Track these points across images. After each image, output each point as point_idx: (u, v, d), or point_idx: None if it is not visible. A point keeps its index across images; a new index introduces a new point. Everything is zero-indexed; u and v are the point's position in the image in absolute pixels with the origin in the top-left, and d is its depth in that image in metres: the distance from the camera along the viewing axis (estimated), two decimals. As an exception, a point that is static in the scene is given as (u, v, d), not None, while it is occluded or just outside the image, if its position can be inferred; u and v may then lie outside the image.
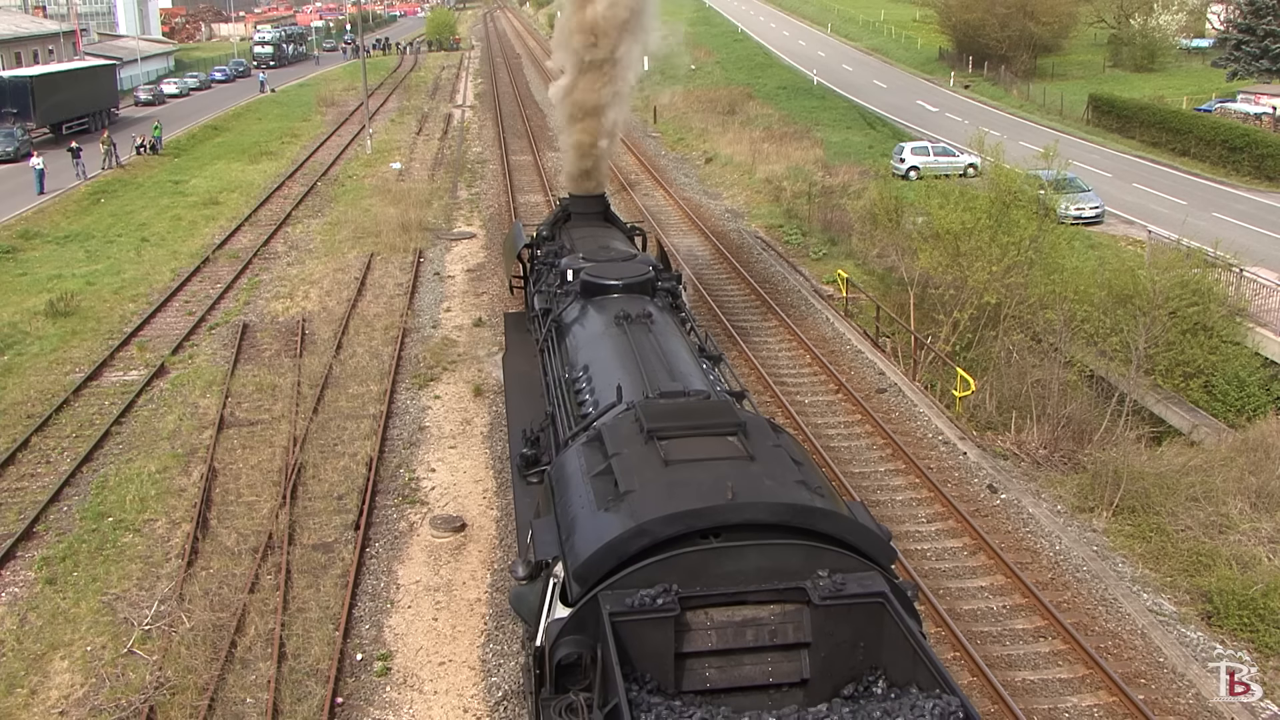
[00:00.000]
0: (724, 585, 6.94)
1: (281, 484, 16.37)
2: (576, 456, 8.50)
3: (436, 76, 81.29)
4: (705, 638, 6.92)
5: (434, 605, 13.49)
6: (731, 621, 6.97)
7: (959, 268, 22.41)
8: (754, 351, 21.82)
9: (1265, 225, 33.75)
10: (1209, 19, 73.26)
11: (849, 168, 40.34)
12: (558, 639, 6.90)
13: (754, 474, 7.55)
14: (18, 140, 45.61)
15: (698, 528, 6.99)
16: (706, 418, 8.50)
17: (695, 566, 6.91)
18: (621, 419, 8.69)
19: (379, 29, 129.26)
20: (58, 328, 23.95)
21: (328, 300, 25.81)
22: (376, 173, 42.21)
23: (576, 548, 7.28)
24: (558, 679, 6.95)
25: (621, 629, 6.59)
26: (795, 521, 7.13)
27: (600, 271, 13.14)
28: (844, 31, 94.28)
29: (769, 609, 7.00)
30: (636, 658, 6.69)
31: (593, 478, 7.90)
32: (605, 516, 7.34)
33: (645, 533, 6.94)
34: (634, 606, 6.68)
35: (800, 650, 7.06)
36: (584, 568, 6.98)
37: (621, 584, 6.84)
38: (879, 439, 18.23)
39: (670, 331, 11.72)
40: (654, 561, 6.88)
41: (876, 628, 6.93)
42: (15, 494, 16.57)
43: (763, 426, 8.58)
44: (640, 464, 7.74)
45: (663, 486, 7.40)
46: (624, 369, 10.21)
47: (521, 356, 13.90)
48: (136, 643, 12.63)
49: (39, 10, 78.11)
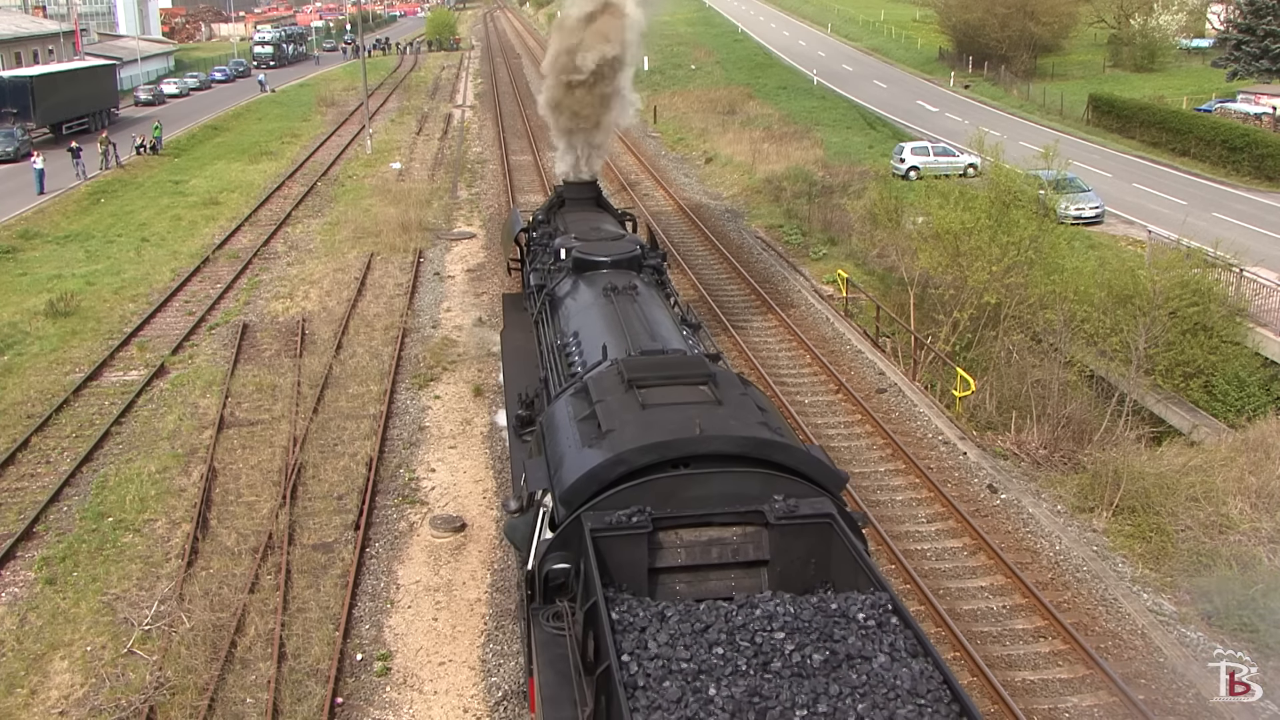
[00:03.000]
0: (692, 508, 7.78)
1: (281, 484, 16.37)
2: (565, 405, 9.36)
3: (436, 76, 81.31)
4: (675, 555, 7.76)
5: (434, 605, 13.49)
6: (698, 541, 7.81)
7: (959, 268, 22.41)
8: (754, 351, 21.82)
9: (1265, 225, 33.75)
10: (1209, 19, 73.24)
11: (849, 168, 40.33)
12: (546, 555, 7.77)
13: (720, 415, 8.40)
14: (18, 140, 45.60)
15: (669, 457, 7.85)
16: (680, 369, 9.41)
17: (666, 492, 7.76)
18: (605, 372, 9.55)
19: (379, 29, 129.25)
20: (58, 328, 23.95)
21: (328, 300, 25.81)
22: (376, 173, 42.21)
23: (563, 478, 8.12)
24: (546, 593, 7.76)
25: (601, 544, 7.39)
26: (755, 453, 7.99)
27: (590, 249, 14.00)
28: (844, 31, 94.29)
29: (731, 530, 7.85)
30: (614, 570, 7.42)
31: (578, 422, 8.77)
32: (588, 451, 8.17)
33: (623, 461, 7.79)
34: (612, 524, 7.50)
35: (760, 567, 7.87)
36: (568, 493, 7.83)
37: (601, 506, 7.66)
38: (879, 439, 18.23)
39: (654, 302, 12.56)
40: (630, 487, 7.71)
41: (826, 545, 7.76)
42: (15, 494, 16.57)
43: (731, 379, 9.50)
44: (620, 408, 8.61)
45: (639, 425, 8.24)
46: (610, 333, 10.99)
47: (518, 331, 14.71)
48: (136, 643, 12.63)
49: (39, 10, 78.10)
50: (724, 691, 6.11)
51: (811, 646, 6.59)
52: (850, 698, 6.13)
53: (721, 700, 6.04)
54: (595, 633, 6.76)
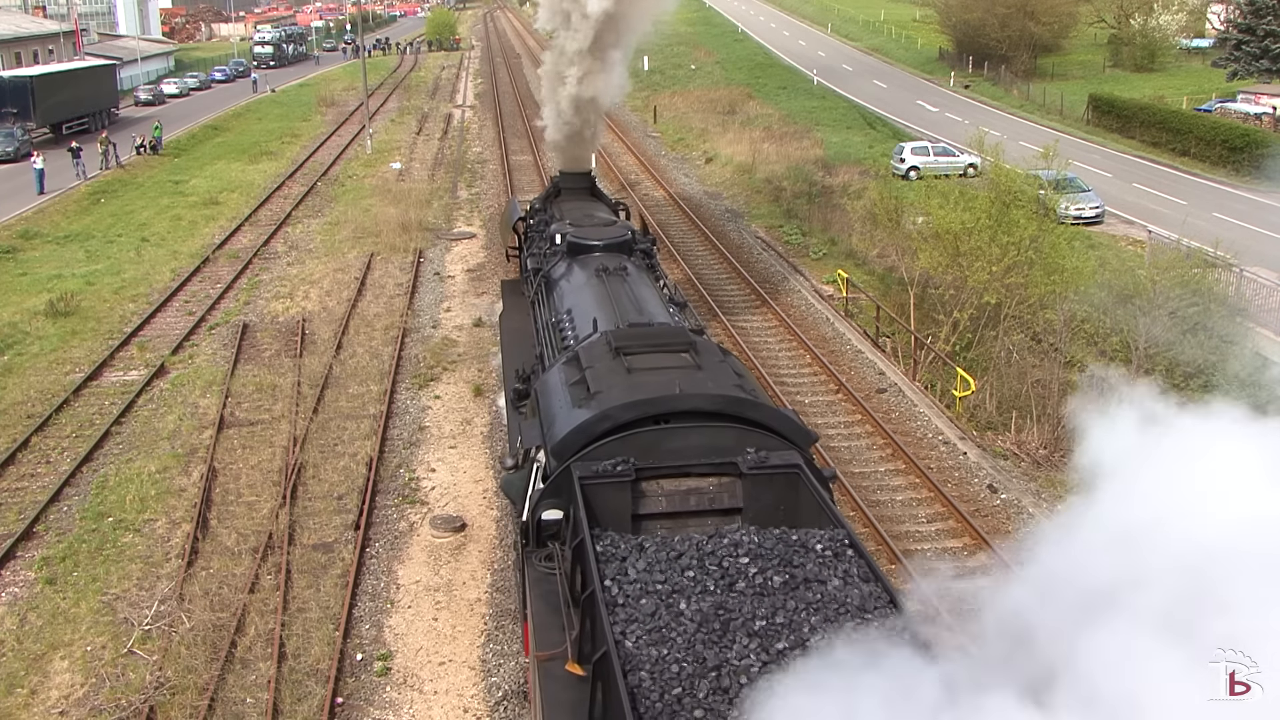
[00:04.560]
0: (672, 460, 8.48)
1: (281, 484, 16.37)
2: (558, 372, 10.11)
3: (436, 76, 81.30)
4: (657, 502, 8.42)
5: (434, 605, 13.49)
6: (678, 490, 8.50)
7: (959, 268, 22.40)
8: (754, 351, 21.82)
9: (1265, 225, 33.74)
10: (1209, 19, 73.21)
11: (849, 168, 40.32)
12: (539, 502, 8.50)
13: (699, 378, 9.16)
14: (18, 140, 45.57)
15: (651, 414, 8.55)
16: (664, 338, 10.17)
17: (649, 445, 8.46)
18: (595, 342, 10.29)
19: (379, 29, 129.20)
20: (58, 328, 23.95)
21: (328, 300, 25.81)
22: (376, 173, 42.21)
23: (554, 434, 8.84)
24: (539, 539, 8.54)
25: (589, 490, 8.06)
26: (730, 410, 8.69)
27: (584, 234, 14.67)
28: (844, 31, 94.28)
29: (708, 480, 8.55)
30: (601, 516, 8.04)
31: (569, 386, 9.47)
32: (578, 411, 8.89)
33: (609, 417, 8.52)
34: (598, 472, 8.19)
35: (734, 514, 8.49)
36: (559, 446, 8.55)
37: (589, 458, 8.35)
38: (879, 439, 18.24)
39: (643, 281, 13.25)
40: (615, 440, 8.42)
41: (794, 493, 8.39)
42: (15, 494, 16.57)
43: (711, 347, 10.23)
44: (608, 373, 9.32)
45: (625, 387, 8.97)
46: (600, 309, 11.64)
47: (516, 314, 15.37)
48: (136, 643, 12.63)
49: (39, 10, 78.06)
50: (693, 606, 6.82)
51: (773, 570, 7.31)
52: (805, 612, 6.80)
53: (690, 613, 6.75)
54: (582, 565, 7.38)
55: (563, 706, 6.75)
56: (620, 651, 6.37)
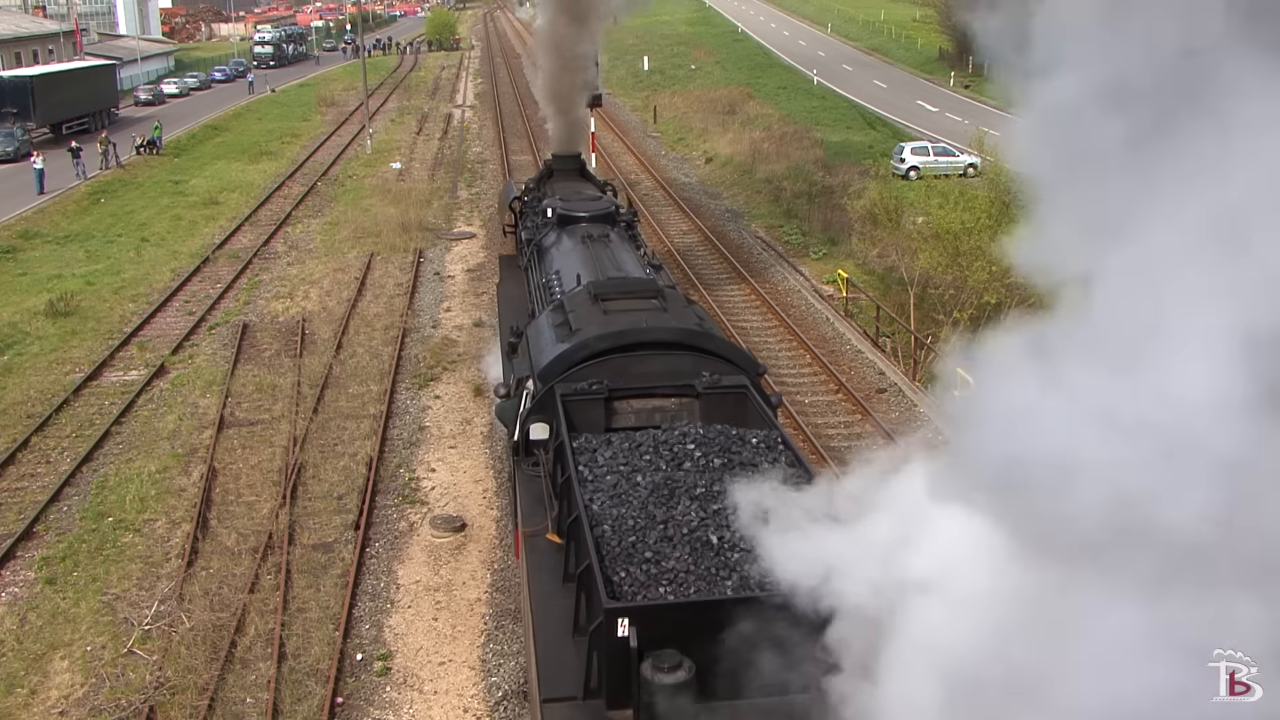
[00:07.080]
0: (639, 383, 10.05)
1: (281, 484, 16.37)
2: (545, 317, 11.63)
3: (436, 76, 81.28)
4: (626, 418, 9.97)
5: (434, 605, 13.49)
6: (644, 408, 10.05)
7: (959, 268, 22.41)
8: (754, 351, 21.74)
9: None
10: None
11: (849, 168, 40.29)
12: (527, 418, 9.98)
13: (665, 317, 10.74)
14: (18, 140, 45.50)
15: (622, 344, 10.17)
16: (637, 287, 11.71)
17: (620, 369, 10.04)
18: (578, 292, 11.72)
19: (379, 29, 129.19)
20: (58, 328, 23.94)
21: (328, 300, 25.81)
22: (376, 173, 42.21)
23: (541, 362, 10.42)
24: (528, 450, 9.96)
25: (569, 405, 9.60)
26: (688, 341, 10.34)
27: (572, 207, 16.23)
28: (844, 31, 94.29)
29: (670, 400, 10.08)
30: (579, 428, 9.50)
31: (554, 327, 10.98)
32: (560, 344, 10.45)
33: (585, 346, 10.18)
34: (577, 390, 9.78)
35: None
36: (544, 371, 10.17)
37: (570, 380, 9.92)
38: (879, 439, 18.21)
39: (624, 247, 14.75)
40: (591, 364, 10.03)
41: (743, 410, 9.81)
42: (15, 494, 16.56)
43: (678, 296, 11.78)
44: (587, 315, 10.85)
45: (601, 324, 10.54)
46: (584, 269, 13.01)
47: (511, 284, 16.72)
48: (136, 643, 12.63)
49: (39, 10, 78.07)
50: (647, 479, 8.40)
51: (714, 454, 8.82)
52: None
53: (645, 484, 8.33)
54: (561, 460, 8.83)
55: (545, 570, 8.30)
56: (588, 513, 7.88)
